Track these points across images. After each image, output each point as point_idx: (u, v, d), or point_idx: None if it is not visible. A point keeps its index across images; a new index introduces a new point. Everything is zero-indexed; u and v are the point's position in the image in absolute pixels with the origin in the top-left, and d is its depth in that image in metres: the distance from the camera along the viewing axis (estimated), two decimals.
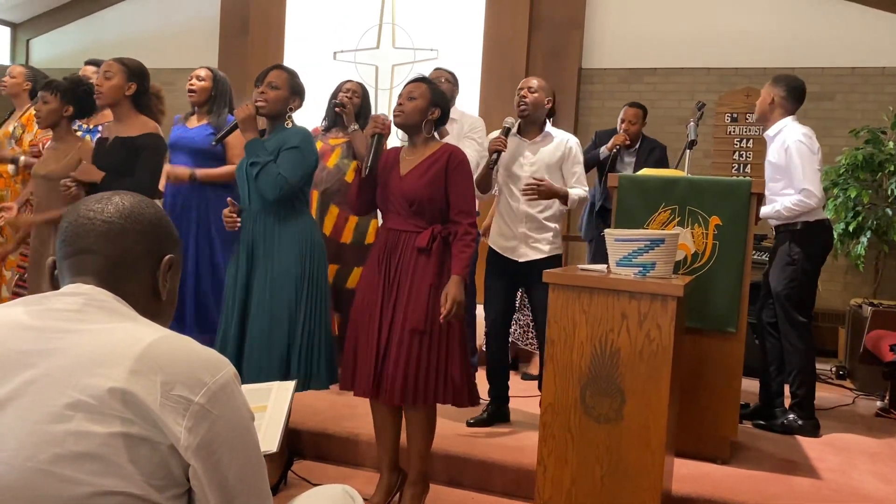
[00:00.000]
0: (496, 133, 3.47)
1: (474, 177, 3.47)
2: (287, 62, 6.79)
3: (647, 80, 6.16)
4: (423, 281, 2.58)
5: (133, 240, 1.13)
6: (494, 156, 3.31)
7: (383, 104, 6.54)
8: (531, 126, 3.47)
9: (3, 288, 4.06)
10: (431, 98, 2.69)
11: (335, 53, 6.83)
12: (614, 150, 4.57)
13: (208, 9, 7.40)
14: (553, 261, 3.39)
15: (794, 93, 3.60)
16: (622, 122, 4.70)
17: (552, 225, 3.45)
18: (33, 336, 1.02)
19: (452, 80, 3.95)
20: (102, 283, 1.10)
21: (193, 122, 3.72)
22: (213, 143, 3.14)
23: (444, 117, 2.77)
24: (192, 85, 3.69)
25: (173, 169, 3.49)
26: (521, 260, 3.41)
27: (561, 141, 3.45)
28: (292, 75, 2.89)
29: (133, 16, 7.80)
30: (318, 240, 2.88)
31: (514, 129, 3.42)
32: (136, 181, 3.02)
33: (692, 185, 3.11)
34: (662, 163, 4.64)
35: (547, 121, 3.51)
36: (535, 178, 3.31)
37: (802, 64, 5.60)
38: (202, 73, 3.75)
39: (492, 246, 3.52)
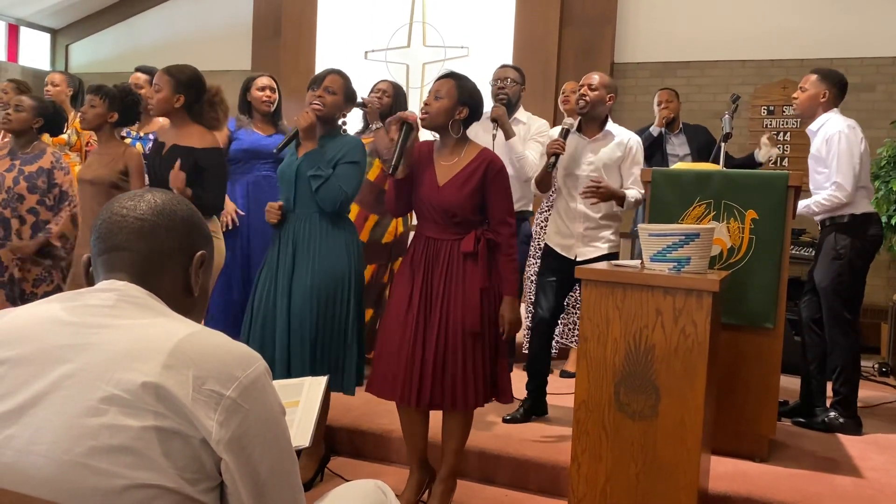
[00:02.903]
0: (556, 130, 3.43)
1: (535, 176, 3.45)
2: (319, 63, 6.86)
3: (681, 74, 6.08)
4: (473, 285, 2.56)
5: (165, 237, 1.15)
6: (552, 159, 3.26)
7: (414, 103, 6.54)
8: (591, 123, 3.40)
9: None
10: (458, 96, 2.59)
11: (366, 53, 6.86)
12: (662, 130, 4.73)
13: (241, 12, 7.50)
14: (609, 258, 3.29)
15: (844, 87, 3.58)
16: (659, 104, 4.80)
17: (610, 223, 3.39)
18: (69, 331, 1.04)
19: (519, 80, 3.85)
20: (135, 280, 1.12)
21: (265, 130, 3.84)
22: (276, 151, 3.10)
23: (473, 116, 2.66)
24: (269, 97, 3.86)
25: None
26: (577, 259, 3.35)
27: (622, 140, 3.38)
28: (347, 81, 2.88)
29: (169, 20, 7.93)
30: (360, 245, 2.93)
31: (574, 129, 3.37)
32: (211, 196, 3.02)
33: (728, 179, 3.06)
34: (711, 142, 4.74)
35: (608, 118, 3.45)
36: (593, 180, 3.25)
37: (842, 54, 5.48)
38: (272, 83, 3.89)
39: (548, 244, 3.49)
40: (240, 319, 3.77)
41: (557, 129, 3.45)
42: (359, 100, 3.83)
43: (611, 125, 3.42)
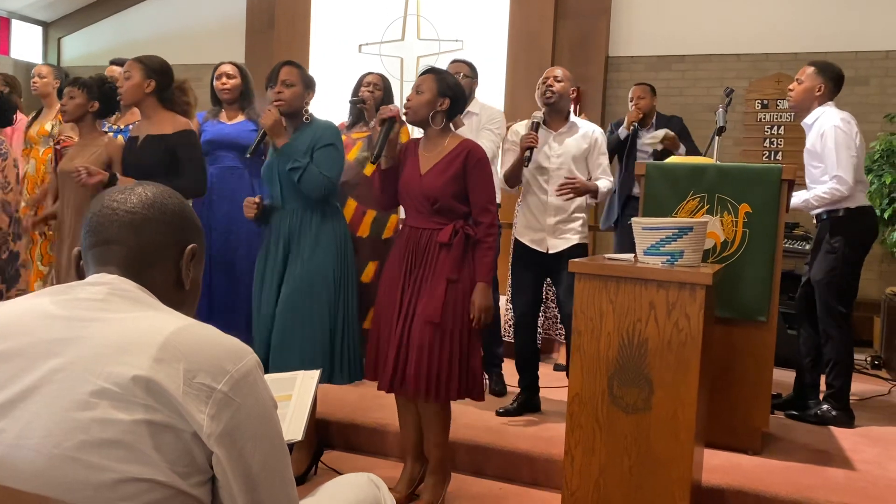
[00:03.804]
0: (522, 124, 3.46)
1: (503, 172, 3.48)
2: (313, 56, 6.84)
3: (676, 68, 6.08)
4: (440, 275, 2.57)
5: (156, 230, 1.14)
6: (527, 153, 3.29)
7: None
8: (556, 116, 3.46)
9: (36, 282, 4.12)
10: (438, 89, 2.64)
11: (360, 46, 6.84)
12: (632, 128, 4.57)
13: (235, 5, 7.46)
14: (579, 249, 3.39)
15: (840, 81, 3.59)
16: (631, 100, 4.71)
17: (580, 215, 3.45)
18: (60, 325, 1.03)
19: (471, 74, 3.89)
20: (126, 273, 1.11)
21: (227, 118, 3.75)
22: (249, 154, 3.08)
23: (455, 106, 2.70)
24: (224, 84, 3.69)
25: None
26: (549, 251, 3.40)
27: (587, 132, 3.45)
28: (302, 70, 2.91)
29: (162, 13, 7.89)
30: (349, 237, 2.93)
31: (541, 121, 3.41)
32: (189, 181, 3.01)
33: (721, 173, 3.06)
34: (683, 134, 4.61)
35: (571, 111, 3.49)
36: (568, 178, 3.31)
37: (836, 48, 5.48)
38: (230, 69, 3.76)
39: (518, 238, 3.51)
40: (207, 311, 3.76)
41: (523, 123, 3.48)
42: (355, 97, 3.84)
43: (574, 117, 3.50)
